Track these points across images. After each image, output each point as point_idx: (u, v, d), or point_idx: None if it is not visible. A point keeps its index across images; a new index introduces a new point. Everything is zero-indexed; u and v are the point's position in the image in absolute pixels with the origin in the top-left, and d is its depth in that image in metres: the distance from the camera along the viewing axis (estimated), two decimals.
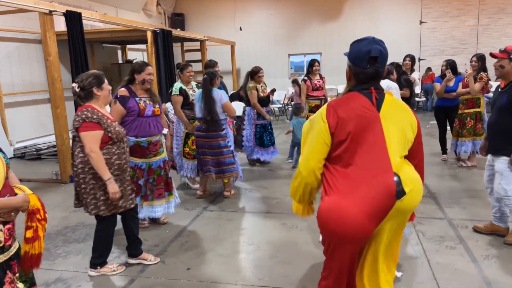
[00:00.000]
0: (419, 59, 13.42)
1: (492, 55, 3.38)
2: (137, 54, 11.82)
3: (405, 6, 13.29)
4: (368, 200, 1.76)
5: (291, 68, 14.73)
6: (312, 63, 6.55)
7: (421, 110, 12.03)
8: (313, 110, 6.36)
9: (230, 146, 4.63)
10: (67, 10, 5.65)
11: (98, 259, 3.10)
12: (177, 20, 14.48)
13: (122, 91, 3.59)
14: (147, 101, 3.63)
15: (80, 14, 5.84)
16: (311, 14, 13.92)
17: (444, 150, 6.31)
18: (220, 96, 4.50)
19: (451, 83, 5.85)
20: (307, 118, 6.25)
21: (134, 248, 3.25)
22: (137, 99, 3.58)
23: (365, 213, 1.76)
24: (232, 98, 10.22)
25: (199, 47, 11.26)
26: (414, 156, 1.96)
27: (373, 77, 1.88)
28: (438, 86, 5.93)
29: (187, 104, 4.85)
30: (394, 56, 6.78)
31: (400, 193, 1.76)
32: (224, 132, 4.59)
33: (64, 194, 5.20)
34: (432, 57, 13.21)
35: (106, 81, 2.93)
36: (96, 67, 10.61)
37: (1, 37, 7.82)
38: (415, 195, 1.82)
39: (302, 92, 6.47)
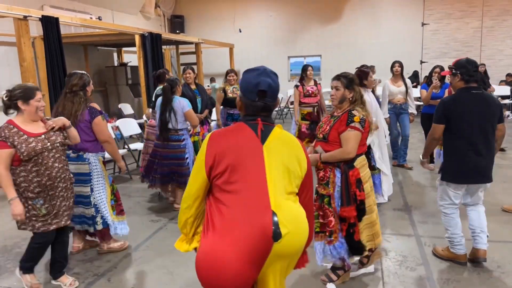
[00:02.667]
0: (421, 62, 13.15)
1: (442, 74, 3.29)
2: (132, 57, 11.76)
3: (407, 7, 13.01)
4: (244, 242, 1.57)
5: (291, 70, 14.56)
6: (304, 68, 6.29)
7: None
8: (305, 117, 6.03)
9: (187, 158, 4.47)
10: (42, 16, 5.59)
11: (25, 263, 3.00)
12: (177, 22, 14.43)
13: (97, 106, 3.43)
14: None
15: (57, 19, 5.78)
16: (311, 16, 13.73)
17: (431, 159, 6.08)
18: (181, 105, 4.37)
19: (438, 90, 5.64)
20: (300, 125, 6.06)
21: (53, 269, 3.11)
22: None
23: (243, 257, 1.56)
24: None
25: (194, 50, 11.16)
26: (302, 192, 1.81)
27: (263, 109, 1.77)
28: (424, 92, 5.73)
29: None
30: (395, 59, 6.59)
31: (277, 235, 1.57)
32: (183, 143, 4.44)
33: None
34: (435, 60, 12.84)
35: (37, 97, 2.77)
36: (89, 70, 10.60)
37: None
38: (295, 237, 1.64)
39: (295, 98, 6.25)
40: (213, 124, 8.25)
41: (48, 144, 2.81)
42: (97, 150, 3.43)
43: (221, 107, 6.03)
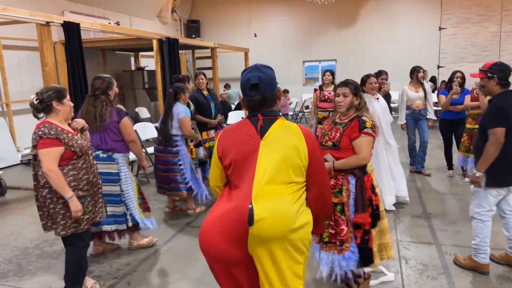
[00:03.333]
0: (438, 67, 13.00)
1: (472, 76, 3.17)
2: (149, 61, 11.91)
3: (424, 12, 12.89)
4: (224, 222, 1.82)
5: (306, 74, 14.54)
6: (324, 73, 6.31)
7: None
8: (321, 122, 5.98)
9: (180, 164, 4.42)
10: (64, 21, 5.69)
11: (76, 286, 2.87)
12: (193, 27, 14.56)
13: (123, 108, 3.56)
14: None
15: (78, 24, 5.88)
16: (327, 21, 13.71)
17: (450, 166, 6.00)
18: (178, 111, 4.35)
19: (458, 96, 5.55)
20: (316, 129, 6.04)
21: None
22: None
23: (221, 234, 1.81)
24: (240, 106, 10.18)
25: (210, 55, 11.24)
26: (311, 183, 1.91)
27: (261, 103, 1.89)
28: (443, 98, 5.64)
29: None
30: (413, 63, 6.54)
31: (250, 220, 1.75)
32: (175, 149, 4.40)
33: None
34: (452, 65, 12.70)
35: (68, 97, 2.82)
36: (108, 74, 10.75)
37: (12, 45, 8.04)
38: (270, 223, 1.76)
39: (312, 102, 6.25)
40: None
41: (87, 143, 2.88)
42: (124, 151, 3.55)
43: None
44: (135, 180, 3.65)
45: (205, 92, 5.52)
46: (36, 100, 2.68)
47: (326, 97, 6.12)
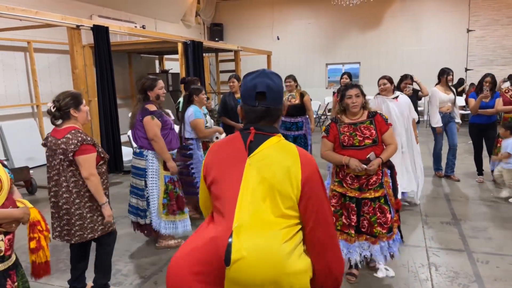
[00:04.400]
0: (466, 69, 12.70)
1: None
2: (173, 64, 12.07)
3: (451, 13, 12.62)
4: (196, 257, 1.44)
5: (328, 77, 14.44)
6: (342, 75, 6.29)
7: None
8: None
9: (192, 168, 4.40)
10: (94, 25, 5.84)
11: (103, 280, 2.99)
12: (216, 30, 14.68)
13: (152, 106, 3.60)
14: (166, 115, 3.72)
15: (107, 28, 6.02)
16: (350, 23, 13.59)
17: (480, 171, 5.84)
18: (189, 113, 4.34)
19: (488, 100, 5.40)
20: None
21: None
22: (165, 112, 3.69)
23: (191, 272, 1.43)
24: None
25: (233, 57, 11.30)
26: (304, 221, 1.48)
27: (264, 116, 1.55)
28: (472, 102, 5.51)
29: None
30: (439, 66, 6.41)
31: (228, 259, 1.38)
32: (189, 152, 4.38)
33: None
34: (480, 68, 12.41)
35: (84, 102, 2.82)
36: (132, 77, 10.96)
37: (43, 48, 8.28)
38: (252, 265, 1.37)
39: (333, 105, 6.23)
40: None
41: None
42: (153, 149, 3.60)
43: None
44: (164, 180, 3.66)
45: (237, 95, 5.48)
46: (54, 108, 2.69)
47: None
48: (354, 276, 3.13)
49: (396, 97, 4.47)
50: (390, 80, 4.49)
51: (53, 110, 2.68)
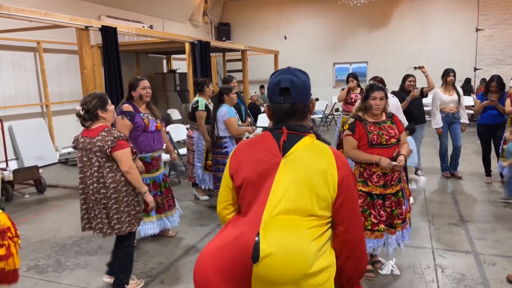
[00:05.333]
0: (475, 69, 12.60)
1: None
2: (180, 63, 12.13)
3: (460, 12, 12.52)
4: (223, 255, 1.45)
5: (336, 77, 14.41)
6: (348, 78, 6.29)
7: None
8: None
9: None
10: (102, 26, 5.89)
11: (125, 278, 3.06)
12: (223, 29, 14.72)
13: (126, 107, 3.63)
14: (150, 117, 3.69)
15: (115, 29, 6.07)
16: (358, 22, 13.54)
17: (488, 172, 5.80)
18: (222, 113, 4.47)
19: (495, 103, 5.36)
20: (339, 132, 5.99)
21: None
22: (141, 114, 3.63)
23: (217, 269, 1.44)
24: None
25: (240, 57, 11.33)
26: (339, 222, 1.51)
27: (290, 113, 1.54)
28: (478, 103, 5.47)
29: (208, 118, 4.88)
30: (447, 66, 6.36)
31: (256, 255, 1.38)
32: (224, 150, 4.54)
33: None
34: (489, 67, 12.32)
35: (109, 101, 2.96)
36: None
37: (52, 49, 8.37)
38: (280, 262, 1.38)
39: (341, 97, 6.24)
40: (258, 130, 8.31)
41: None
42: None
43: None
44: (145, 180, 3.64)
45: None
46: (82, 110, 2.82)
47: (353, 99, 6.09)
48: (372, 272, 3.22)
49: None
50: (381, 81, 4.53)
51: (82, 113, 2.81)
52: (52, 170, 7.55)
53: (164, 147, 4.01)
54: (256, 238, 1.39)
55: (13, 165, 6.98)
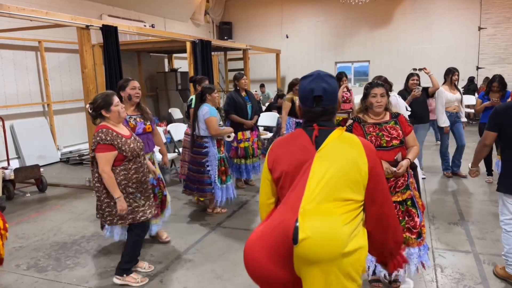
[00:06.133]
0: (477, 68, 12.54)
1: None
2: (182, 62, 12.13)
3: (462, 11, 12.46)
4: (268, 240, 1.67)
5: None
6: (339, 76, 6.36)
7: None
8: (340, 123, 5.99)
9: (208, 165, 4.49)
10: (103, 25, 5.89)
11: (128, 264, 3.22)
12: (225, 28, 14.71)
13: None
14: (138, 119, 3.63)
15: (116, 28, 6.06)
16: (360, 21, 13.50)
17: (489, 171, 5.78)
18: (203, 111, 4.41)
19: (497, 103, 5.34)
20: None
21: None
22: (127, 117, 3.51)
23: (266, 253, 1.66)
24: (270, 108, 10.17)
25: (241, 56, 11.31)
26: (371, 203, 1.72)
27: (321, 115, 1.74)
28: (479, 102, 5.45)
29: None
30: (450, 64, 6.35)
31: (296, 238, 1.59)
32: (204, 150, 4.48)
33: (91, 202, 5.38)
34: (492, 66, 12.27)
35: (115, 102, 3.01)
36: (142, 76, 11.04)
37: (53, 48, 8.38)
38: (317, 243, 1.58)
39: (340, 97, 6.30)
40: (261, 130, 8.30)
41: (139, 144, 3.11)
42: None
43: (288, 116, 5.94)
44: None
45: (243, 93, 5.55)
46: (91, 109, 3.01)
47: (345, 98, 6.17)
48: (379, 282, 3.03)
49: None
50: (385, 81, 4.49)
51: (90, 111, 3.01)
52: (54, 169, 7.57)
53: (155, 149, 3.89)
54: (296, 224, 1.59)
55: (15, 164, 7.01)
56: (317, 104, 1.71)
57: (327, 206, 1.63)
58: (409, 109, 4.41)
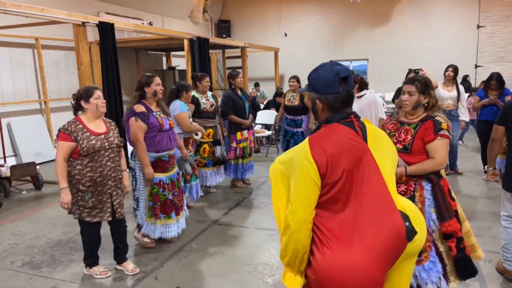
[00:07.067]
0: (476, 66, 12.53)
1: None
2: (180, 60, 12.10)
3: (461, 9, 12.45)
4: (377, 246, 1.50)
5: None
6: None
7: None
8: None
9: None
10: (99, 22, 5.87)
11: (86, 260, 3.30)
12: (223, 26, 14.68)
13: (139, 107, 3.50)
14: (161, 115, 3.61)
15: (112, 24, 6.04)
16: (359, 20, 13.49)
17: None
18: (173, 107, 4.30)
19: (495, 101, 5.35)
20: None
21: (116, 255, 3.39)
22: (154, 114, 3.52)
23: (376, 262, 1.50)
24: (269, 105, 10.16)
25: (240, 54, 11.29)
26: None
27: (347, 101, 1.67)
28: (477, 100, 5.44)
29: (199, 112, 4.86)
30: (448, 63, 6.30)
31: (410, 233, 1.56)
32: None
33: None
34: (491, 64, 12.24)
35: (95, 95, 3.00)
36: (140, 74, 11.01)
37: (50, 45, 8.36)
38: (423, 234, 1.63)
39: None
40: (257, 128, 8.28)
41: (106, 143, 3.03)
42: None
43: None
44: (165, 180, 3.62)
45: (239, 92, 5.45)
46: (73, 100, 3.04)
47: None
48: None
49: (361, 96, 4.44)
50: (361, 81, 4.52)
51: (72, 102, 3.04)
52: (51, 166, 7.53)
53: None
54: (407, 223, 1.56)
55: (12, 162, 6.98)
56: (343, 88, 1.63)
57: (400, 198, 1.66)
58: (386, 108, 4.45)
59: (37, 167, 5.93)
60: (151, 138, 3.52)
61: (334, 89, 1.63)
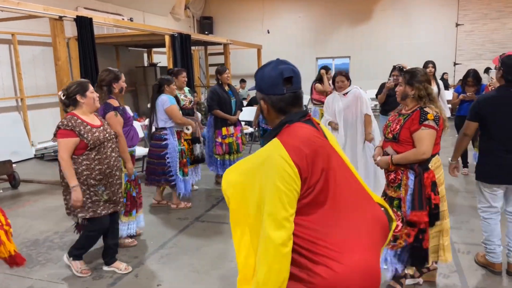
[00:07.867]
0: (454, 64, 12.77)
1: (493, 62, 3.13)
2: (161, 57, 11.95)
3: (440, 8, 12.66)
4: (372, 242, 1.49)
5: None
6: (327, 70, 6.50)
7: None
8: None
9: (168, 157, 4.38)
10: (77, 16, 5.73)
11: (75, 250, 3.18)
12: (206, 23, 14.57)
13: (115, 102, 3.45)
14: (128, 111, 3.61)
15: (91, 19, 5.91)
16: (341, 17, 13.57)
17: (465, 163, 5.87)
18: (162, 101, 4.27)
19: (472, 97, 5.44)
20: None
21: (107, 256, 3.27)
22: (125, 108, 3.55)
23: (375, 257, 1.49)
24: (252, 102, 10.13)
25: (222, 51, 11.22)
26: None
27: (294, 102, 1.55)
28: (455, 96, 5.54)
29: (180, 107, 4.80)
30: (428, 60, 6.36)
31: (390, 222, 1.60)
32: (163, 142, 4.36)
33: None
34: (469, 62, 12.49)
35: (90, 89, 2.98)
36: (120, 70, 10.83)
37: (27, 41, 8.14)
38: (395, 221, 1.70)
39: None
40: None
41: (107, 135, 3.00)
42: None
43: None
44: (124, 178, 3.52)
45: (227, 88, 5.40)
46: (63, 96, 2.93)
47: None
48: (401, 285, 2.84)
49: (346, 93, 4.49)
50: (347, 76, 4.51)
51: (63, 98, 2.93)
52: (27, 165, 7.36)
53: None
54: (382, 209, 1.61)
55: None
56: (287, 89, 1.52)
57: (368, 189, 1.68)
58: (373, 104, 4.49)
59: (14, 165, 5.77)
60: (126, 132, 3.51)
61: (278, 89, 1.52)
